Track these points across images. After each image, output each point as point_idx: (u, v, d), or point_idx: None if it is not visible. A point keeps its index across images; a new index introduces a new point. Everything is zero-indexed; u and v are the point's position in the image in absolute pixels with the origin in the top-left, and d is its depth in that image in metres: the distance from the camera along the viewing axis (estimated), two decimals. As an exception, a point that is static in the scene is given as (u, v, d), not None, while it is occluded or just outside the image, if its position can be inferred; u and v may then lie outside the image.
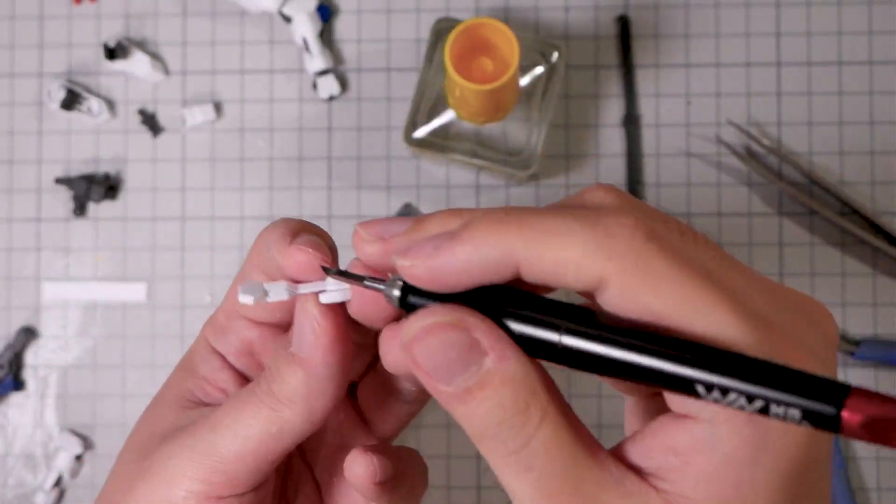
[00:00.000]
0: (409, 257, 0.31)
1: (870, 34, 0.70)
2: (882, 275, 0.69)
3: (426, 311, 0.31)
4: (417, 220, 0.33)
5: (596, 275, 0.29)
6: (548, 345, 0.30)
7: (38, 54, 0.72)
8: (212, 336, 0.40)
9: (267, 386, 0.36)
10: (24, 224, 0.71)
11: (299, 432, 0.36)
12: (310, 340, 0.35)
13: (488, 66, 0.60)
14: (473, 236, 0.30)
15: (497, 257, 0.29)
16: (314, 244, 0.35)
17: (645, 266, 0.28)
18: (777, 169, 0.69)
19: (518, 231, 0.29)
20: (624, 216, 0.29)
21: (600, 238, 0.29)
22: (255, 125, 0.71)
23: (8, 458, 0.70)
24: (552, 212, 0.30)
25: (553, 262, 0.29)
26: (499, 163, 0.65)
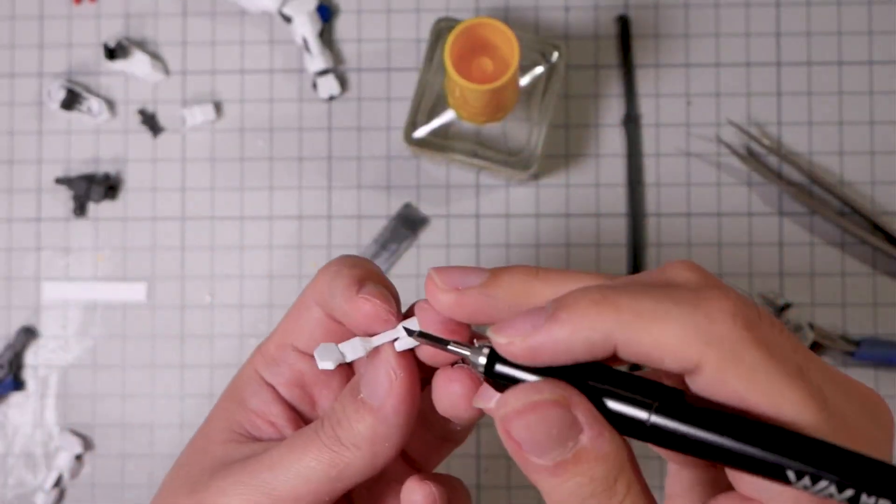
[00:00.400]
0: (507, 334, 0.31)
1: (870, 34, 0.70)
2: (882, 275, 0.69)
3: (529, 387, 0.31)
4: (493, 274, 0.33)
5: (693, 360, 0.29)
6: (635, 422, 0.31)
7: (38, 54, 0.72)
8: (262, 367, 0.40)
9: (332, 430, 0.36)
10: (24, 224, 0.71)
11: (359, 476, 0.36)
12: (384, 388, 0.35)
13: (488, 66, 0.60)
14: (572, 318, 0.30)
15: (596, 340, 0.30)
16: (380, 294, 0.36)
17: (742, 356, 0.29)
18: (777, 169, 0.69)
19: (616, 314, 0.30)
20: (723, 300, 0.30)
21: (700, 324, 0.29)
22: (255, 125, 0.71)
23: (8, 458, 0.70)
24: (648, 293, 0.30)
25: (651, 346, 0.30)
26: (499, 163, 0.65)
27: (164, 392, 0.70)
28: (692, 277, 0.32)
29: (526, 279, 0.33)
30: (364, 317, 0.36)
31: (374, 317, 0.36)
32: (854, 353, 0.67)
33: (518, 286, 0.33)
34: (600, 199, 0.70)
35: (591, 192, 0.70)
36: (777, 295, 0.68)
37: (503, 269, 0.34)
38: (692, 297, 0.30)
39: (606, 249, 0.69)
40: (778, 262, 0.69)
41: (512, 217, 0.70)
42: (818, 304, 0.68)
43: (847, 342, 0.67)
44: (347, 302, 0.36)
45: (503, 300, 0.33)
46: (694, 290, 0.31)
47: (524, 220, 0.70)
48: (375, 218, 0.70)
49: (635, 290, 0.30)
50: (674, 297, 0.30)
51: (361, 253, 0.70)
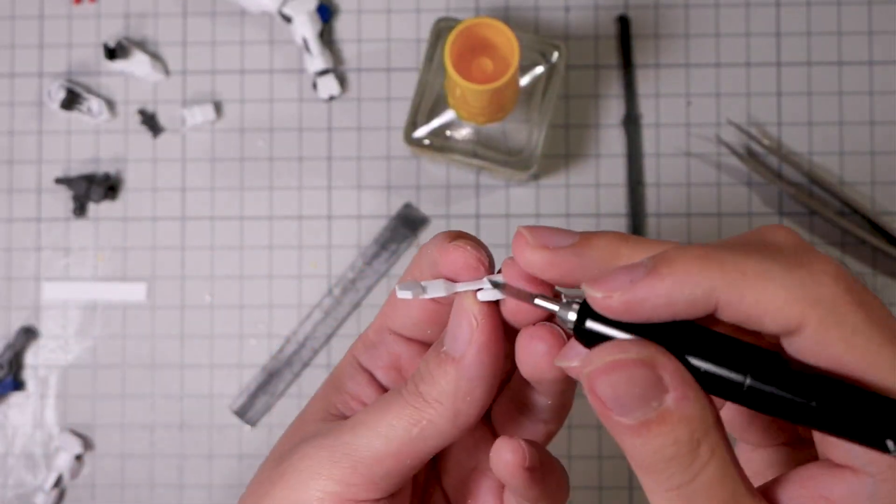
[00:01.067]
0: (604, 288, 0.30)
1: (870, 34, 0.70)
2: (882, 275, 0.69)
3: (615, 345, 0.30)
4: (584, 236, 0.33)
5: (795, 320, 0.29)
6: (732, 384, 0.30)
7: (38, 54, 0.72)
8: (360, 352, 0.40)
9: (414, 387, 0.36)
10: (24, 224, 0.71)
11: (442, 436, 0.36)
12: (465, 337, 0.35)
13: (488, 66, 0.60)
14: (675, 272, 0.29)
15: (698, 296, 0.29)
16: (472, 243, 0.35)
17: (844, 317, 0.29)
18: (777, 169, 0.69)
19: (720, 270, 0.29)
20: (826, 263, 0.30)
21: (804, 284, 0.29)
22: (255, 125, 0.71)
23: (8, 458, 0.70)
24: (749, 251, 0.30)
25: (754, 304, 0.29)
26: (499, 163, 0.65)
27: (164, 392, 0.70)
28: (788, 241, 0.31)
29: (617, 243, 0.32)
30: (452, 263, 0.35)
31: (462, 263, 0.35)
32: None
33: (609, 249, 0.32)
34: (600, 199, 0.70)
35: (591, 192, 0.70)
36: (777, 295, 0.68)
37: (594, 233, 0.33)
38: (795, 259, 0.30)
39: (606, 249, 0.69)
40: (778, 262, 0.69)
41: (512, 217, 0.70)
42: (818, 304, 0.68)
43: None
44: (439, 250, 0.35)
45: (593, 262, 0.32)
46: (794, 252, 0.30)
47: (524, 220, 0.70)
48: (375, 218, 0.70)
49: (737, 249, 0.30)
50: (776, 258, 0.30)
51: (361, 253, 0.70)
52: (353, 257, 0.70)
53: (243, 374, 0.70)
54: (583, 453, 0.69)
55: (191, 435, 0.70)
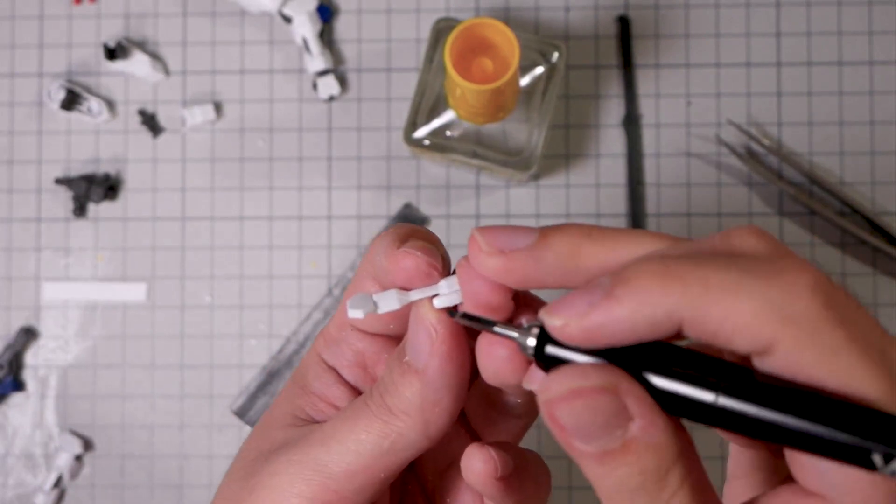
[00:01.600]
0: (561, 315, 0.28)
1: (870, 34, 0.70)
2: (882, 275, 0.69)
3: (575, 371, 0.28)
4: (542, 235, 0.31)
5: (767, 339, 0.27)
6: (700, 405, 0.28)
7: (38, 54, 0.72)
8: (323, 349, 0.38)
9: (380, 398, 0.34)
10: (24, 224, 0.71)
11: (414, 447, 0.34)
12: (426, 348, 0.33)
13: (488, 66, 0.60)
14: (633, 294, 0.27)
15: (660, 317, 0.27)
16: (423, 248, 0.33)
17: (821, 336, 0.27)
18: (777, 169, 0.69)
19: (682, 288, 0.27)
20: (802, 273, 0.27)
21: (777, 299, 0.27)
22: (255, 125, 0.71)
23: (8, 458, 0.70)
24: (715, 262, 0.27)
25: (721, 322, 0.27)
26: (499, 163, 0.65)
27: (164, 392, 0.70)
28: (760, 246, 0.29)
29: (578, 241, 0.30)
30: (403, 271, 0.33)
31: (414, 271, 0.33)
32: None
33: (569, 249, 0.30)
34: (600, 199, 0.70)
35: (591, 192, 0.70)
36: (777, 295, 0.68)
37: (553, 230, 0.31)
38: (767, 269, 0.27)
39: (606, 249, 0.69)
40: (778, 262, 0.69)
41: (512, 217, 0.70)
42: (818, 304, 0.68)
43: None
44: (388, 257, 0.33)
45: (553, 264, 0.30)
46: (767, 260, 0.28)
47: (524, 220, 0.70)
48: (375, 218, 0.70)
49: (701, 260, 0.27)
50: (745, 268, 0.27)
51: (361, 253, 0.70)
52: (353, 257, 0.70)
53: (243, 374, 0.70)
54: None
55: (191, 435, 0.70)
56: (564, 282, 0.31)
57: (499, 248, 0.31)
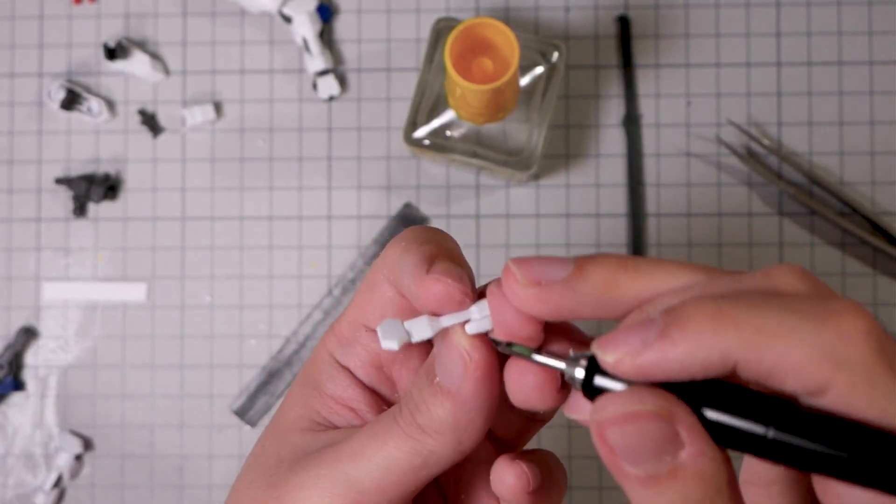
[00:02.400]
0: (614, 351, 0.29)
1: (870, 34, 0.70)
2: (882, 275, 0.69)
3: (630, 394, 0.29)
4: (578, 267, 0.31)
5: (821, 383, 0.27)
6: (752, 437, 0.28)
7: (38, 54, 0.72)
8: (335, 348, 0.38)
9: (411, 416, 0.34)
10: (24, 224, 0.71)
11: (445, 463, 0.34)
12: (459, 372, 0.33)
13: (488, 66, 0.60)
14: (687, 336, 0.28)
15: (714, 360, 0.28)
16: (452, 273, 0.33)
17: (875, 381, 0.27)
18: (777, 169, 0.69)
19: (736, 330, 0.27)
20: (855, 318, 0.27)
21: (831, 343, 0.27)
22: (255, 125, 0.71)
23: (8, 458, 0.70)
24: (768, 305, 0.28)
25: (774, 366, 0.27)
26: (499, 163, 0.65)
27: (164, 392, 0.70)
28: (804, 286, 0.29)
29: (614, 272, 0.30)
30: (434, 298, 0.33)
31: (445, 298, 0.33)
32: (854, 354, 0.67)
33: (606, 281, 0.30)
34: (600, 199, 0.70)
35: (591, 192, 0.70)
36: (777, 295, 0.68)
37: (589, 260, 0.31)
38: (820, 312, 0.27)
39: (606, 250, 0.69)
40: (778, 262, 0.69)
41: (512, 217, 0.70)
42: (818, 304, 0.68)
43: (847, 342, 0.67)
44: (416, 283, 0.33)
45: (589, 295, 0.31)
46: (817, 301, 0.28)
47: (524, 220, 0.70)
48: (375, 218, 0.70)
49: (753, 302, 0.28)
50: (798, 311, 0.27)
51: (361, 253, 0.70)
52: (353, 257, 0.70)
53: (243, 374, 0.70)
54: (583, 453, 0.69)
55: (191, 435, 0.70)
56: (600, 313, 0.31)
57: (534, 280, 0.31)
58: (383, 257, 0.36)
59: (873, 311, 0.68)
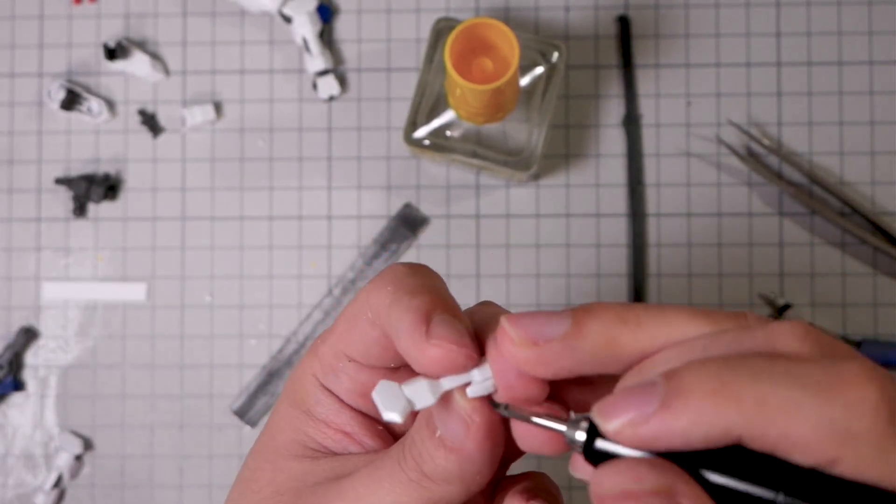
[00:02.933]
0: (613, 419, 0.28)
1: (870, 34, 0.70)
2: (882, 275, 0.68)
3: (629, 470, 0.28)
4: (576, 322, 0.30)
5: (828, 456, 0.26)
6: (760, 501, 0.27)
7: (38, 54, 0.72)
8: (320, 373, 0.37)
9: (416, 465, 0.33)
10: (24, 224, 0.71)
11: (455, 502, 0.34)
12: (461, 432, 0.32)
13: (488, 66, 0.60)
14: (689, 410, 0.27)
15: (715, 435, 0.27)
16: (453, 336, 0.32)
17: (886, 454, 0.26)
18: (777, 169, 0.69)
19: (738, 407, 0.26)
20: (864, 387, 0.26)
21: (838, 418, 0.26)
22: (255, 125, 0.71)
23: (8, 458, 0.70)
24: (772, 377, 0.26)
25: (778, 440, 0.26)
26: (499, 163, 0.65)
27: (164, 392, 0.70)
28: (807, 348, 0.28)
29: (613, 328, 0.29)
30: (437, 365, 0.32)
31: (448, 365, 0.32)
32: (854, 354, 0.67)
33: (605, 338, 0.29)
34: (600, 199, 0.70)
35: (591, 192, 0.70)
36: (777, 295, 0.68)
37: (588, 315, 0.30)
38: (827, 382, 0.26)
39: (606, 249, 0.69)
40: (778, 262, 0.69)
41: (512, 217, 0.70)
42: (818, 304, 0.68)
43: (847, 343, 0.67)
44: (416, 348, 0.32)
45: (589, 353, 0.30)
46: (824, 368, 0.27)
47: (524, 220, 0.70)
48: (375, 218, 0.70)
49: (756, 372, 0.27)
50: (803, 382, 0.26)
51: (361, 253, 0.70)
52: (353, 257, 0.70)
53: (243, 374, 0.70)
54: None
55: (191, 435, 0.70)
56: (601, 370, 0.30)
57: (531, 339, 0.30)
58: (366, 299, 0.35)
59: (873, 311, 0.68)
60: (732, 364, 0.27)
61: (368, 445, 0.37)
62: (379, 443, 0.37)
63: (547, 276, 0.69)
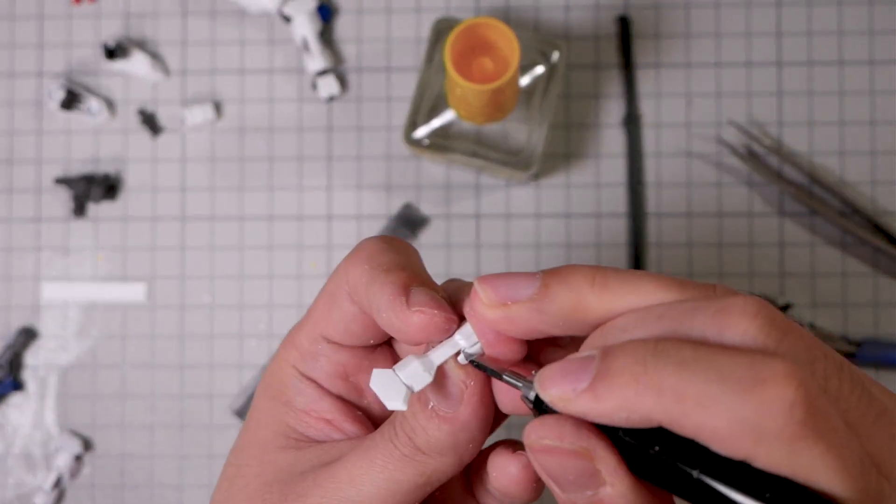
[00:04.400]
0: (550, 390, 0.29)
1: (870, 34, 0.70)
2: (883, 275, 0.68)
3: (553, 428, 0.29)
4: (544, 284, 0.31)
5: (741, 454, 0.27)
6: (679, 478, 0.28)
7: (37, 54, 0.72)
8: (298, 361, 0.38)
9: (408, 440, 0.34)
10: (23, 224, 0.71)
11: (447, 477, 0.35)
12: (456, 399, 0.33)
13: (488, 66, 0.60)
14: (612, 394, 0.28)
15: (635, 419, 0.28)
16: (432, 301, 0.33)
17: (798, 455, 0.26)
18: (777, 169, 0.69)
19: (657, 397, 0.27)
20: (782, 387, 0.26)
21: (751, 417, 0.26)
22: (255, 125, 0.71)
23: (8, 458, 0.70)
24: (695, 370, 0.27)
25: (694, 432, 0.27)
26: (499, 163, 0.65)
27: (164, 392, 0.70)
28: (749, 337, 0.28)
29: (581, 290, 0.30)
30: (420, 330, 0.33)
31: (431, 328, 0.33)
32: (856, 355, 0.67)
33: (572, 301, 0.30)
34: (600, 199, 0.70)
35: (591, 192, 0.70)
36: (778, 295, 0.68)
37: (554, 278, 0.31)
38: (747, 379, 0.26)
39: (606, 249, 0.69)
40: (778, 262, 0.69)
41: (512, 217, 0.70)
42: (819, 304, 0.68)
43: (848, 343, 0.67)
44: (398, 317, 0.33)
45: (556, 315, 0.31)
46: (750, 365, 0.27)
47: (524, 220, 0.70)
48: (375, 218, 0.70)
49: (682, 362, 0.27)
50: (725, 377, 0.27)
51: (361, 253, 0.70)
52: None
53: (243, 374, 0.70)
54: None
55: (191, 435, 0.70)
56: (569, 332, 0.31)
57: (500, 299, 0.31)
58: (344, 274, 0.35)
59: (874, 311, 0.68)
60: (662, 350, 0.28)
61: (350, 431, 0.37)
62: (360, 428, 0.38)
63: (547, 276, 0.69)
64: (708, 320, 0.29)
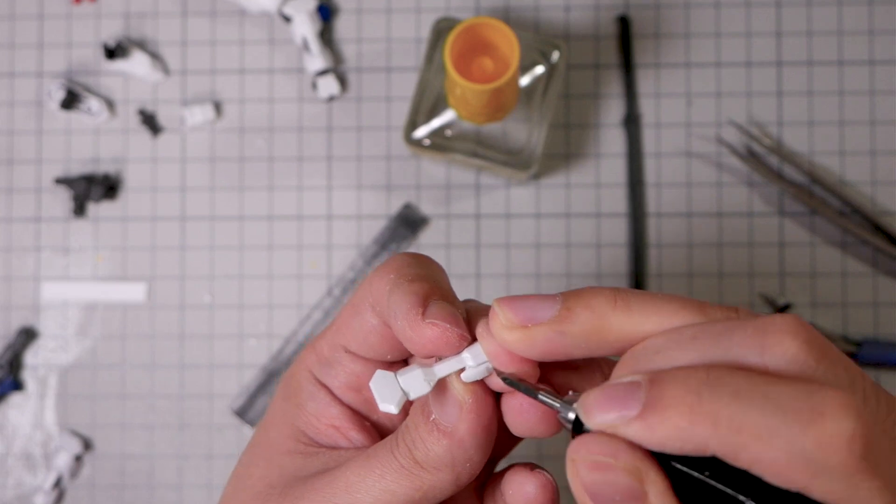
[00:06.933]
0: (596, 417, 0.29)
1: (870, 34, 0.70)
2: (883, 275, 0.68)
3: (606, 444, 0.29)
4: (565, 306, 0.30)
5: (799, 486, 0.27)
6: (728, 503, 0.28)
7: (37, 54, 0.72)
8: (315, 367, 0.38)
9: (408, 451, 0.34)
10: (23, 224, 0.71)
11: (445, 495, 0.35)
12: (455, 414, 0.33)
13: (488, 66, 0.60)
14: (665, 424, 0.27)
15: (689, 449, 0.28)
16: (448, 316, 0.33)
17: (855, 490, 0.26)
18: (777, 169, 0.69)
19: (714, 428, 0.27)
20: (841, 419, 0.26)
21: (809, 449, 0.26)
22: (255, 125, 0.71)
23: (8, 458, 0.70)
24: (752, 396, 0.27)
25: (751, 463, 0.27)
26: (499, 163, 0.65)
27: (164, 392, 0.70)
28: (792, 351, 0.28)
29: (603, 313, 0.30)
30: (430, 343, 0.33)
31: (442, 343, 0.33)
32: (856, 355, 0.67)
33: (594, 323, 0.30)
34: (600, 199, 0.70)
35: (591, 192, 0.70)
36: (777, 295, 0.68)
37: (576, 299, 0.30)
38: (806, 410, 0.26)
39: (606, 249, 0.69)
40: (778, 262, 0.69)
41: (512, 217, 0.70)
42: (819, 304, 0.68)
43: (848, 343, 0.67)
44: (411, 327, 0.33)
45: (578, 338, 0.30)
46: (806, 396, 0.27)
47: (524, 220, 0.70)
48: (375, 218, 0.70)
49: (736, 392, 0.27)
50: (782, 408, 0.26)
51: (361, 253, 0.70)
52: (353, 257, 0.70)
53: (243, 374, 0.70)
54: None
55: (191, 435, 0.70)
56: (589, 354, 0.31)
57: (520, 321, 0.31)
58: (369, 285, 0.36)
59: (873, 311, 0.68)
60: (715, 379, 0.27)
61: (356, 440, 0.38)
62: (367, 438, 0.38)
63: (547, 276, 0.69)
64: (747, 339, 0.28)
